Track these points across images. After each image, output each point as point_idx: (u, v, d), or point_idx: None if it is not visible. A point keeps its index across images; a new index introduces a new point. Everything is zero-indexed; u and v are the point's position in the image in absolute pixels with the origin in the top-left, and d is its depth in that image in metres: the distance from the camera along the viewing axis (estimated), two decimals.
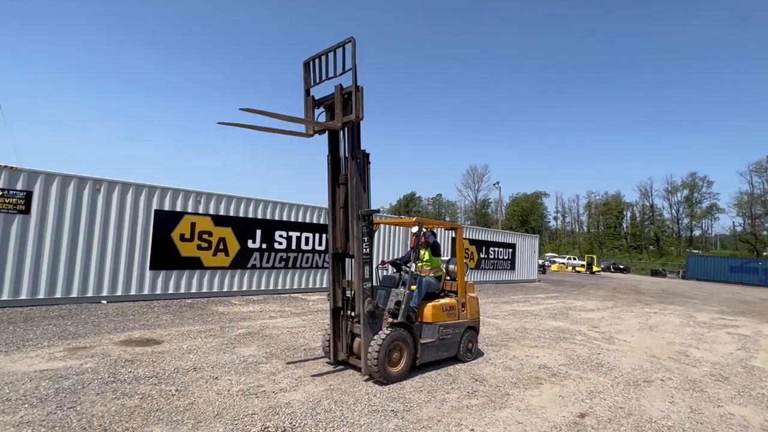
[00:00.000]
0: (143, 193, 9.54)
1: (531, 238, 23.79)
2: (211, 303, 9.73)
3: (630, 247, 64.13)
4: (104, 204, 9.02)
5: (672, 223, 63.45)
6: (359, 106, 4.69)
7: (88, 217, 8.83)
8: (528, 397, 4.75)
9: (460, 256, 6.07)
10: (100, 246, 8.97)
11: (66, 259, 8.56)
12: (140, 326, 7.01)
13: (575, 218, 76.42)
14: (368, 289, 4.86)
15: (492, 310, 11.45)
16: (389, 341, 4.80)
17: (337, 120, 4.84)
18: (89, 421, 3.52)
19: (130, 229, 9.35)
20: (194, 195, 10.31)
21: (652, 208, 65.59)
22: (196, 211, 10.30)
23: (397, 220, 6.93)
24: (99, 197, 8.97)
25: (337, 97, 4.86)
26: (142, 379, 4.53)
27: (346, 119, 4.81)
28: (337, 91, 4.87)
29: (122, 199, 9.26)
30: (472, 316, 6.10)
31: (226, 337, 6.58)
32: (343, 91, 4.86)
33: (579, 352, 7.07)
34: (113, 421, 3.55)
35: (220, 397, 4.16)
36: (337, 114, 4.86)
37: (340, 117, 4.83)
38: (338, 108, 4.86)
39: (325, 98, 5.05)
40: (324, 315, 9.03)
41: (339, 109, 4.85)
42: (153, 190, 9.68)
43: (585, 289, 21.29)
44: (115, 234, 9.17)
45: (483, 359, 6.20)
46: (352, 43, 4.60)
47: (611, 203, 67.54)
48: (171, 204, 9.92)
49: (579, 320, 10.58)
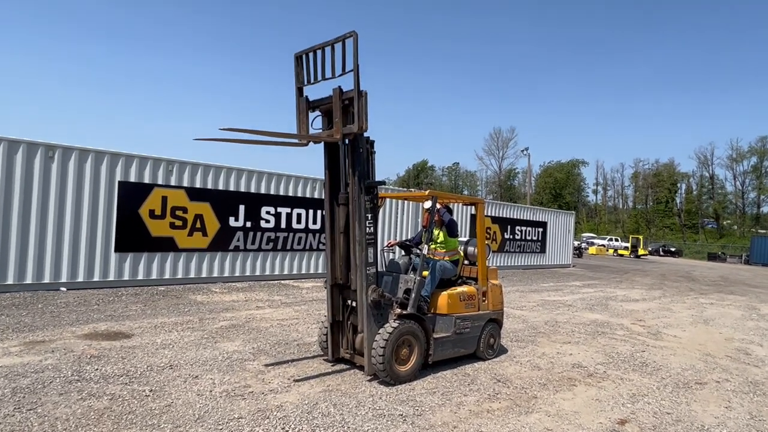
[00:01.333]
0: (104, 161, 9.55)
1: (565, 215, 23.72)
2: (188, 291, 9.85)
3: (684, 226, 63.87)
4: (59, 174, 9.06)
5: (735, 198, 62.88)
6: (363, 116, 4.63)
7: (40, 191, 8.89)
8: (559, 400, 4.81)
9: (480, 237, 6.06)
10: (57, 224, 9.07)
11: (17, 239, 8.67)
12: (106, 317, 7.12)
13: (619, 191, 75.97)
14: (372, 276, 4.88)
15: (518, 299, 11.52)
16: (397, 336, 4.84)
17: (336, 130, 4.77)
18: (52, 424, 3.62)
19: (91, 205, 9.41)
20: (165, 164, 10.31)
21: (712, 179, 64.90)
22: (167, 183, 10.32)
23: (407, 193, 6.91)
24: (53, 166, 8.99)
25: (336, 103, 4.77)
26: (110, 378, 4.61)
27: (347, 130, 4.75)
28: (336, 96, 4.77)
29: (80, 168, 9.29)
30: (495, 306, 6.14)
31: (207, 331, 6.66)
32: (343, 96, 4.77)
33: (620, 349, 7.12)
34: (79, 425, 3.64)
35: (202, 399, 4.24)
36: (336, 123, 4.77)
37: (339, 127, 4.75)
38: (337, 115, 4.78)
39: (321, 101, 4.99)
40: (320, 305, 9.12)
41: (338, 117, 4.77)
42: (116, 159, 9.69)
43: (628, 275, 21.32)
44: (74, 210, 9.24)
45: (507, 357, 6.26)
46: (353, 39, 4.48)
47: (663, 173, 66.88)
48: (138, 174, 9.94)
49: (620, 312, 10.62)
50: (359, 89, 4.60)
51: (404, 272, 5.70)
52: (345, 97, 4.75)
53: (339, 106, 4.75)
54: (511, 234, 19.96)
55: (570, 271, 21.59)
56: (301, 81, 5.01)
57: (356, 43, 4.48)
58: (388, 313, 5.09)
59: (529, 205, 40.14)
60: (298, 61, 4.99)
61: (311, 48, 4.85)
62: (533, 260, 21.28)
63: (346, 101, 4.76)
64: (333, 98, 4.79)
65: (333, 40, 4.62)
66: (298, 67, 4.99)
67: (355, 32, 4.47)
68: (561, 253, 23.00)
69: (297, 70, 5.00)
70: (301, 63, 4.98)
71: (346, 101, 4.76)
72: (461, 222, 17.30)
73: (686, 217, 64.63)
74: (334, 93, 4.78)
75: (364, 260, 4.81)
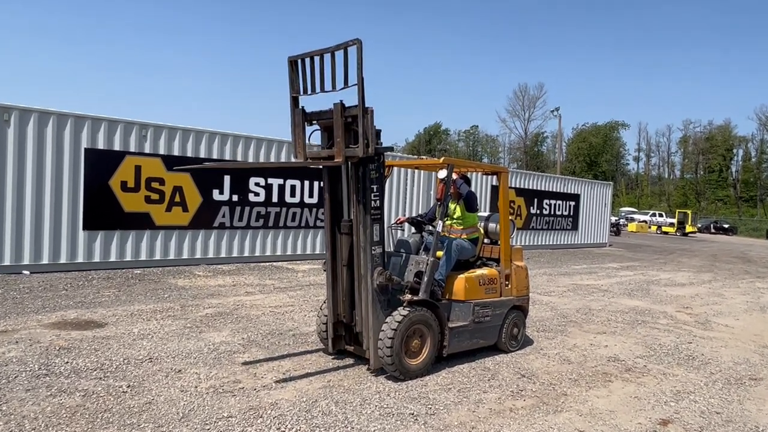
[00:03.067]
0: (68, 125, 9.53)
1: (601, 186, 23.57)
2: (167, 274, 9.94)
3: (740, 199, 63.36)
4: (16, 141, 9.07)
5: None
6: (369, 137, 4.60)
7: None
8: (592, 398, 4.85)
9: (503, 212, 6.04)
10: (16, 199, 9.12)
11: None
12: (76, 304, 7.21)
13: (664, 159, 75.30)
14: (378, 257, 4.89)
15: (545, 284, 11.56)
16: (407, 325, 4.87)
17: (338, 152, 4.74)
18: (19, 423, 3.70)
19: (54, 176, 9.44)
20: (138, 128, 10.29)
21: None
22: (141, 151, 10.31)
23: (418, 161, 6.86)
24: (9, 131, 8.99)
25: (337, 120, 4.71)
26: (83, 372, 4.69)
27: (350, 153, 4.72)
28: (338, 111, 4.71)
29: (40, 133, 9.28)
30: (519, 292, 6.15)
31: (190, 319, 6.75)
32: (345, 113, 4.72)
33: (663, 340, 7.16)
34: (50, 424, 3.72)
35: (186, 396, 4.30)
36: (338, 143, 4.72)
37: (341, 148, 4.71)
38: (339, 134, 4.72)
39: (320, 114, 4.97)
40: (318, 290, 9.19)
41: (340, 137, 4.71)
42: (81, 122, 9.67)
43: (674, 256, 21.30)
44: (35, 182, 9.28)
45: (532, 349, 6.31)
46: (357, 48, 4.44)
47: (716, 137, 65.99)
48: (107, 141, 9.93)
49: (664, 298, 10.64)
50: (364, 106, 4.57)
51: (415, 253, 5.70)
52: (348, 114, 4.72)
53: (341, 123, 4.71)
54: (538, 208, 19.86)
55: (606, 251, 21.56)
56: (296, 90, 4.99)
57: (360, 52, 4.44)
58: (396, 300, 5.11)
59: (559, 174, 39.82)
60: (292, 66, 4.95)
61: (307, 53, 4.81)
62: (564, 239, 21.24)
63: (348, 119, 4.73)
64: (334, 114, 4.74)
65: (333, 47, 4.60)
66: (292, 74, 4.96)
67: (359, 40, 4.44)
68: (596, 230, 22.92)
69: (291, 77, 4.97)
70: (296, 69, 4.94)
71: (349, 119, 4.73)
72: (481, 195, 17.22)
73: (743, 189, 64.01)
74: (335, 108, 4.73)
75: (369, 239, 4.81)
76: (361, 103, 4.54)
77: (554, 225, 20.73)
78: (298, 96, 5.01)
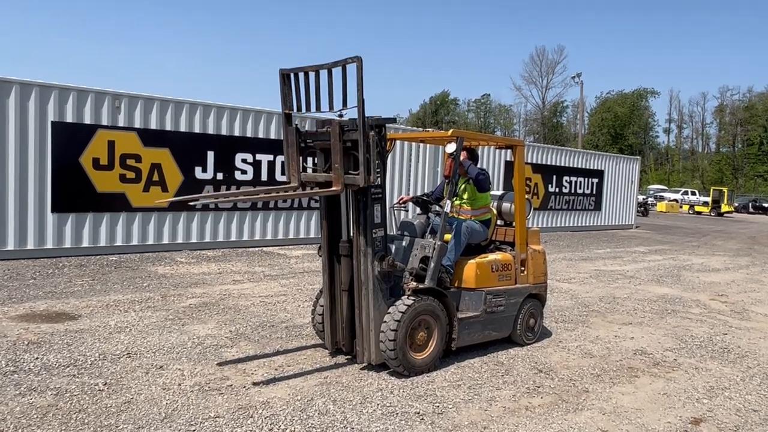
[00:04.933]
0: (32, 96, 9.47)
1: (627, 161, 23.49)
2: (146, 261, 9.97)
3: None
4: None
5: None
6: (371, 164, 4.63)
7: None
8: (617, 395, 4.88)
9: (519, 190, 6.03)
10: None
11: None
12: (46, 294, 7.23)
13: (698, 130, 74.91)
14: (380, 240, 4.89)
15: (565, 269, 11.61)
16: (412, 315, 4.88)
17: (336, 179, 4.76)
18: None
19: (18, 152, 9.41)
20: (110, 99, 10.23)
21: None
22: (114, 124, 10.27)
23: (423, 134, 6.82)
24: None
25: (335, 144, 4.69)
26: (54, 369, 4.71)
27: (350, 181, 4.74)
28: (335, 133, 4.69)
29: (1, 105, 9.24)
30: (536, 279, 6.17)
31: (171, 310, 6.78)
32: (344, 137, 4.71)
33: (695, 331, 7.19)
34: (19, 425, 3.74)
35: (168, 394, 4.33)
36: (336, 170, 4.73)
37: (339, 175, 4.72)
38: (337, 159, 4.70)
39: (316, 135, 5.02)
40: (313, 277, 9.22)
41: (338, 163, 4.70)
42: (47, 92, 9.60)
43: (708, 238, 21.31)
44: None
45: (550, 341, 6.35)
46: (357, 65, 4.45)
47: (756, 106, 65.55)
48: (76, 113, 9.87)
49: (696, 285, 10.68)
50: (365, 131, 4.58)
51: (420, 236, 5.71)
52: (347, 139, 4.73)
53: (339, 148, 4.71)
54: (557, 186, 19.83)
55: (633, 233, 21.56)
56: (289, 106, 5.01)
57: (361, 71, 4.44)
58: (400, 288, 5.11)
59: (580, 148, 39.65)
60: (284, 80, 4.96)
61: (302, 68, 4.85)
62: (585, 220, 21.25)
63: (348, 143, 4.75)
64: (331, 137, 4.74)
65: (331, 63, 4.63)
66: (285, 88, 4.98)
67: (360, 58, 4.45)
68: (621, 210, 22.92)
69: (284, 91, 5.01)
70: (288, 83, 4.96)
71: (349, 143, 4.75)
72: (493, 171, 17.22)
73: None
74: (332, 131, 4.72)
75: (369, 220, 4.83)
76: (362, 127, 4.56)
77: (575, 205, 20.70)
78: (291, 113, 5.05)
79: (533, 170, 18.75)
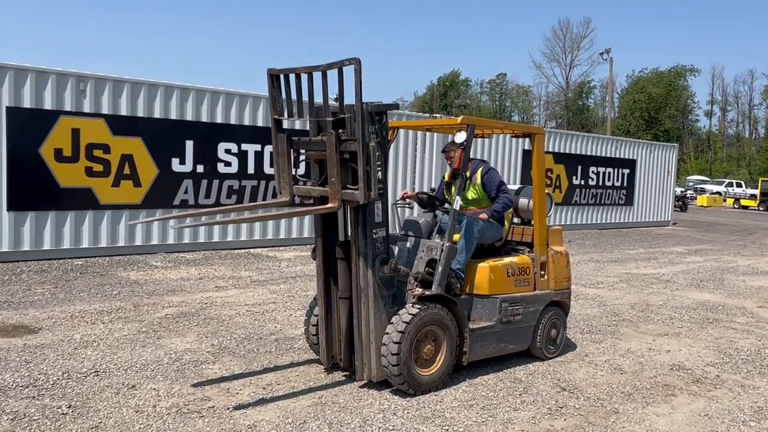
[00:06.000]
0: None
1: (663, 149, 23.44)
2: (116, 265, 9.95)
3: None
4: None
5: None
6: (371, 181, 4.65)
7: None
8: (650, 416, 4.80)
9: (539, 184, 5.99)
10: None
11: None
12: (0, 305, 7.17)
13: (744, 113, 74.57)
14: (381, 241, 4.86)
15: (592, 273, 11.57)
16: (417, 326, 4.84)
17: (332, 195, 4.74)
18: None
19: None
20: (74, 81, 10.18)
21: None
22: (79, 110, 10.23)
23: (430, 121, 6.74)
24: None
25: (332, 155, 4.65)
26: (11, 390, 4.65)
27: (348, 197, 4.74)
28: (332, 145, 4.64)
29: None
30: (558, 284, 6.13)
31: (145, 322, 6.73)
32: (341, 147, 4.68)
33: (740, 343, 7.12)
34: None
35: (142, 418, 4.27)
36: (332, 183, 4.70)
37: (336, 189, 4.70)
38: (334, 173, 4.67)
39: (310, 144, 5.03)
40: (306, 283, 9.19)
41: (335, 176, 4.66)
42: (1, 73, 9.51)
43: (756, 237, 21.34)
44: None
45: (575, 355, 6.28)
46: (355, 68, 4.46)
47: None
48: (35, 97, 9.82)
49: (742, 291, 10.61)
50: (364, 141, 4.57)
51: (426, 236, 5.69)
52: (345, 150, 4.71)
53: (336, 160, 4.66)
54: (582, 178, 19.78)
55: (669, 231, 21.58)
56: (279, 111, 5.02)
57: (359, 74, 4.45)
58: (404, 295, 5.10)
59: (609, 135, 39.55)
60: (273, 81, 4.97)
61: (292, 69, 4.83)
62: (615, 216, 21.21)
63: (345, 155, 4.73)
64: (327, 148, 4.69)
65: (325, 65, 4.63)
66: (273, 90, 5.01)
67: (358, 60, 4.43)
68: (656, 205, 22.86)
69: (273, 94, 5.00)
70: (278, 85, 4.97)
71: (346, 155, 4.73)
72: (509, 162, 17.15)
73: None
74: (327, 141, 4.68)
75: (369, 220, 4.81)
76: (361, 138, 4.54)
77: (603, 199, 20.67)
78: (281, 118, 5.05)
79: (555, 160, 18.72)
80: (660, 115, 66.24)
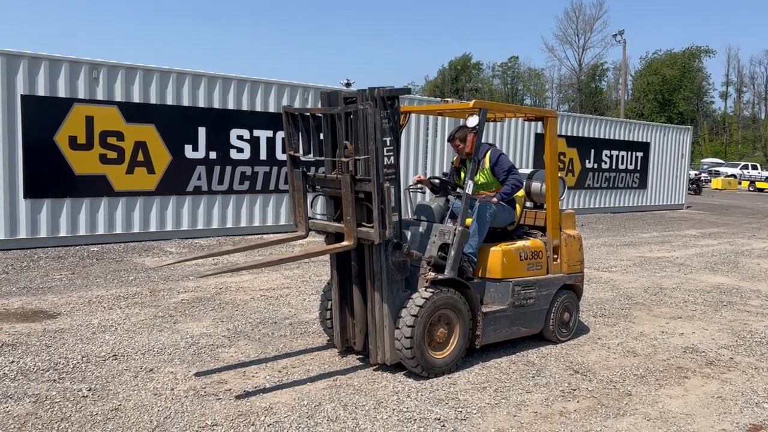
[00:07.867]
0: None
1: (677, 131, 23.25)
2: (132, 251, 10.06)
3: None
4: None
5: None
6: (386, 220, 4.71)
7: None
8: (663, 398, 4.88)
9: (551, 167, 6.02)
10: None
11: None
12: (20, 290, 7.32)
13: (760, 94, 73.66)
14: (395, 226, 4.90)
15: (605, 257, 11.58)
16: (430, 309, 4.91)
17: (348, 233, 4.87)
18: None
19: None
20: (87, 69, 10.27)
21: None
22: (92, 98, 10.32)
23: (441, 105, 6.78)
24: None
25: (347, 194, 4.77)
26: (32, 374, 4.78)
27: (363, 235, 4.83)
28: (347, 184, 4.77)
29: None
30: (571, 267, 6.17)
31: (162, 307, 6.84)
32: (356, 186, 4.79)
33: (755, 326, 7.16)
34: None
35: (160, 400, 4.38)
36: (347, 221, 4.80)
37: (351, 228, 4.81)
38: (349, 211, 4.79)
39: (325, 181, 5.18)
40: (319, 268, 9.28)
41: (350, 214, 4.78)
42: (15, 62, 9.62)
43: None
44: None
45: (588, 338, 6.36)
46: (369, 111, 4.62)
47: None
48: (49, 85, 9.91)
49: (757, 273, 10.61)
50: (380, 181, 4.66)
51: (439, 220, 5.71)
52: (360, 189, 4.81)
53: (351, 199, 4.77)
54: (595, 162, 19.74)
55: (683, 214, 21.42)
56: (295, 148, 5.16)
57: (374, 117, 4.57)
58: (416, 279, 5.13)
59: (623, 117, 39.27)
60: (289, 119, 5.11)
61: (308, 109, 5.03)
62: (628, 199, 21.16)
63: (361, 194, 4.84)
64: (342, 186, 4.80)
65: (340, 108, 4.87)
66: (289, 128, 5.14)
67: (372, 104, 4.61)
68: (670, 188, 22.82)
69: (288, 131, 5.21)
70: (294, 123, 5.12)
71: (361, 194, 4.83)
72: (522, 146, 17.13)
73: None
74: (343, 180, 4.79)
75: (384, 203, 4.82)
76: (376, 179, 4.65)
77: (616, 182, 20.60)
78: (298, 155, 5.19)
79: (568, 143, 18.67)
80: (674, 97, 65.43)
